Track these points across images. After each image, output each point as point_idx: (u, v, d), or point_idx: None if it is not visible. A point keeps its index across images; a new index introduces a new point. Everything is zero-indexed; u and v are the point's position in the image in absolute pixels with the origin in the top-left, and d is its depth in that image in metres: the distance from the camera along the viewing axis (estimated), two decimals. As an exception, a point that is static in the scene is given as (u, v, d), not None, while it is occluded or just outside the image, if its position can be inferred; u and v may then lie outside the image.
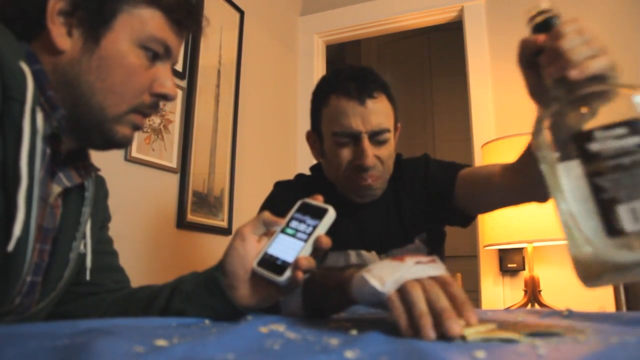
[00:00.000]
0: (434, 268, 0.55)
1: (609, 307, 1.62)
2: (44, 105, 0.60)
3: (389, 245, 1.11)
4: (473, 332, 0.44)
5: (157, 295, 0.73)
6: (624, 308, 1.43)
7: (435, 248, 1.15)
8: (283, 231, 0.66)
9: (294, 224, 0.66)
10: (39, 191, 0.59)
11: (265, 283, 0.65)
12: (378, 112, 1.04)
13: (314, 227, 0.64)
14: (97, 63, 0.63)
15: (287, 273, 0.62)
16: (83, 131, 0.65)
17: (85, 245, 0.72)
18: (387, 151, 1.06)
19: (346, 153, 1.05)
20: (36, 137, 0.57)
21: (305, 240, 0.63)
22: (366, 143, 1.02)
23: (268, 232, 0.68)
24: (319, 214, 0.65)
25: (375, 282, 0.54)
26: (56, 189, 0.66)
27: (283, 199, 1.10)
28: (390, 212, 1.13)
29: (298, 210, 0.67)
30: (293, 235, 0.65)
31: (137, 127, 0.69)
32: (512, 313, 0.78)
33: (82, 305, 0.77)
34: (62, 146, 0.64)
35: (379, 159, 1.05)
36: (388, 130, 1.05)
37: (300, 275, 0.62)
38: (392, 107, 1.09)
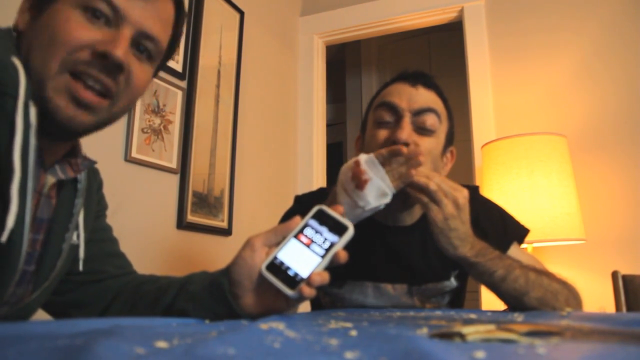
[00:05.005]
0: None
1: (609, 307, 1.62)
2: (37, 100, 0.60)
3: (425, 279, 1.01)
4: (472, 332, 0.44)
5: (165, 291, 0.73)
6: (624, 308, 1.43)
7: (463, 285, 1.08)
8: (296, 236, 0.64)
9: (308, 231, 0.64)
10: (32, 183, 0.59)
11: (272, 295, 0.64)
12: (428, 97, 0.97)
13: (332, 244, 0.62)
14: (39, 30, 0.62)
15: (299, 289, 0.60)
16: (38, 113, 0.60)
17: (79, 237, 0.73)
18: (429, 145, 0.95)
19: (383, 133, 0.96)
20: (29, 131, 0.57)
21: (322, 256, 0.62)
22: (407, 120, 0.94)
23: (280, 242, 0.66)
24: (337, 229, 0.63)
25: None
26: (50, 179, 0.67)
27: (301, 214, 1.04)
28: (429, 243, 1.01)
29: (314, 217, 0.65)
30: (307, 245, 0.63)
31: (76, 99, 0.60)
32: (512, 313, 0.78)
33: (87, 293, 0.78)
34: (45, 139, 0.64)
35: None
36: (435, 113, 0.96)
37: (311, 292, 0.61)
38: (446, 113, 1.01)
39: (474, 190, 1.09)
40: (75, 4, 0.61)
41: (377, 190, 0.82)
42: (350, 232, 0.63)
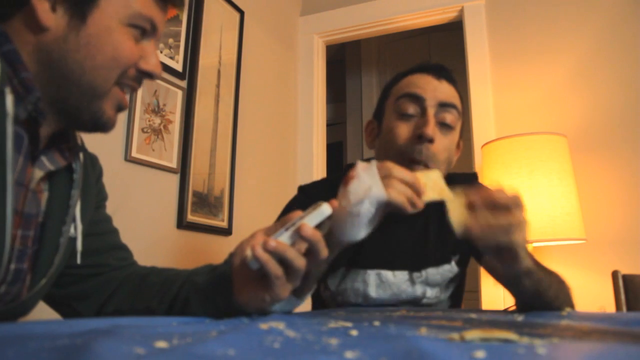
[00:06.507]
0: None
1: (609, 307, 1.62)
2: (17, 87, 0.58)
3: (425, 263, 1.02)
4: (472, 332, 0.44)
5: (172, 282, 0.74)
6: (624, 308, 1.43)
7: (463, 271, 1.08)
8: (287, 229, 0.65)
9: (298, 222, 0.65)
10: (16, 176, 0.58)
11: (254, 281, 0.65)
12: (450, 92, 0.97)
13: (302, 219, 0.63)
14: (86, 41, 0.61)
15: (253, 250, 0.60)
16: (71, 111, 0.63)
17: (76, 229, 0.71)
18: (448, 141, 0.96)
19: (406, 127, 0.95)
20: (5, 120, 0.55)
21: (287, 229, 0.62)
22: (431, 114, 0.94)
23: None
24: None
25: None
26: (38, 173, 0.64)
27: (301, 205, 1.02)
28: (430, 228, 1.05)
29: (310, 212, 0.66)
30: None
31: (120, 107, 0.67)
32: (512, 313, 0.78)
33: (89, 285, 0.77)
34: (42, 129, 0.62)
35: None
36: (456, 109, 0.97)
37: (262, 254, 0.60)
38: (461, 107, 1.01)
39: (473, 177, 1.11)
40: (123, 20, 0.63)
41: (361, 187, 0.73)
42: (322, 210, 0.62)
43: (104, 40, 0.61)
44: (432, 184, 0.76)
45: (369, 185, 0.72)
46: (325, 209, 0.62)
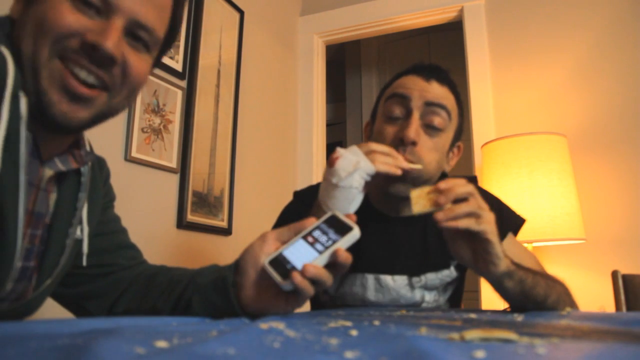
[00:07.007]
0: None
1: (609, 307, 1.62)
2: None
3: (425, 268, 1.01)
4: (472, 332, 0.44)
5: (178, 282, 0.74)
6: (624, 308, 1.43)
7: (463, 275, 1.07)
8: (304, 237, 0.65)
9: (316, 233, 0.66)
10: (27, 176, 0.58)
11: (272, 293, 0.65)
12: (440, 92, 0.96)
13: (334, 242, 0.64)
14: (29, 19, 0.59)
15: (290, 278, 0.61)
16: (29, 100, 0.59)
17: (82, 231, 0.71)
18: (436, 143, 0.95)
19: (391, 129, 0.96)
20: (19, 122, 0.56)
21: (321, 252, 0.63)
22: (415, 117, 0.94)
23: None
24: (343, 230, 0.65)
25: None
26: (48, 172, 0.65)
27: (296, 212, 1.04)
28: (429, 232, 1.04)
29: (325, 222, 0.67)
30: (311, 244, 0.64)
31: (69, 93, 0.59)
32: (512, 313, 0.78)
33: (99, 285, 0.77)
34: (58, 138, 0.62)
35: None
36: (445, 110, 0.96)
37: (302, 282, 0.61)
38: (457, 109, 1.00)
39: (472, 180, 1.10)
40: None
41: (348, 163, 0.80)
42: (354, 233, 0.64)
43: (40, 10, 0.59)
44: None
45: (356, 160, 0.81)
46: (356, 233, 0.64)
